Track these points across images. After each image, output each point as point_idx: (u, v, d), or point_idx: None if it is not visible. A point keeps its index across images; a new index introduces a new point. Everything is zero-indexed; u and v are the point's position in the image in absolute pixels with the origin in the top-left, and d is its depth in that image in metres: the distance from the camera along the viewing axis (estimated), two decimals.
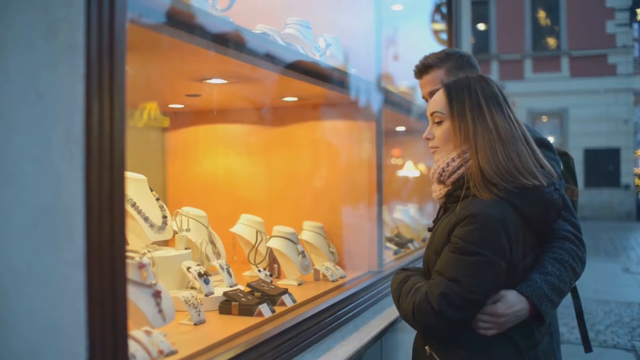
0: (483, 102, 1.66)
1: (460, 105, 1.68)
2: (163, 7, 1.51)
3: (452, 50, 2.27)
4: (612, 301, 7.18)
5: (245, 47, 1.93)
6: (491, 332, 1.61)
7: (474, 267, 1.56)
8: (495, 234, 1.56)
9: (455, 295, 1.56)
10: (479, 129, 1.63)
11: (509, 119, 1.66)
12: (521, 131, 1.68)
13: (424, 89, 2.28)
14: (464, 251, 1.57)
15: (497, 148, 1.60)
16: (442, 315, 1.57)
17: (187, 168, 3.23)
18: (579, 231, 1.82)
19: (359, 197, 2.98)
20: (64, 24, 1.06)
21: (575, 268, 1.75)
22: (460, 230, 1.59)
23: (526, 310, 1.63)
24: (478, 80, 1.72)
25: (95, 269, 1.07)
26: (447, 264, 1.60)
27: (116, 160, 1.11)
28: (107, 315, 1.09)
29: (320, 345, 2.04)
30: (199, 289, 2.06)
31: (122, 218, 1.14)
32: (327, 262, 2.78)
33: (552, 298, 1.66)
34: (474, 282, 1.56)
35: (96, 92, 1.07)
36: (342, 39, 2.79)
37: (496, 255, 1.56)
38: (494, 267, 1.57)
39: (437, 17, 4.86)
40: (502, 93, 1.72)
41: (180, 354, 1.49)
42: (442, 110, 1.72)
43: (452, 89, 1.72)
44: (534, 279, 1.67)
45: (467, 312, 1.59)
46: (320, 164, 3.03)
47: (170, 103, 2.98)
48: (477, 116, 1.65)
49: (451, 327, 1.61)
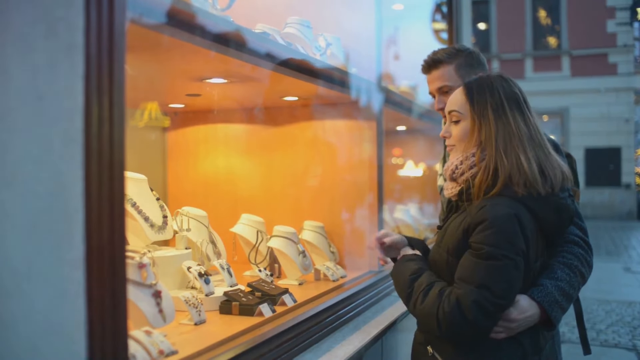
0: (505, 103, 1.64)
1: (482, 105, 1.65)
2: (163, 6, 1.51)
3: (462, 47, 2.24)
4: (613, 300, 7.17)
5: (246, 47, 1.92)
6: (502, 335, 1.60)
7: (503, 271, 1.53)
8: (515, 234, 1.54)
9: (488, 303, 1.53)
10: (500, 130, 1.61)
11: (529, 121, 1.65)
12: (539, 135, 1.66)
13: (432, 84, 2.23)
14: (490, 256, 1.53)
15: (517, 152, 1.59)
16: (476, 325, 1.54)
17: (187, 168, 3.22)
18: (587, 235, 1.82)
19: (359, 197, 2.98)
20: (63, 24, 1.06)
21: (583, 273, 1.75)
22: (480, 235, 1.56)
23: (537, 315, 1.62)
24: (499, 79, 1.69)
25: (95, 269, 1.07)
26: (474, 270, 1.55)
27: (116, 160, 1.11)
28: (107, 315, 1.09)
29: (320, 345, 2.04)
30: (199, 289, 2.06)
31: (122, 218, 1.13)
32: (328, 261, 2.78)
33: (562, 304, 1.66)
34: (505, 287, 1.54)
35: (96, 92, 1.07)
36: (342, 39, 2.78)
37: (519, 256, 1.55)
38: (519, 269, 1.55)
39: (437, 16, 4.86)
40: (523, 93, 1.70)
41: (180, 354, 1.49)
42: (460, 110, 1.70)
43: (474, 88, 1.69)
44: (544, 285, 1.65)
45: (497, 318, 1.57)
46: (321, 163, 3.03)
47: (170, 103, 2.98)
48: (498, 117, 1.62)
49: (482, 334, 1.58)
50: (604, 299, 7.21)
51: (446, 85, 2.15)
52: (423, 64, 2.25)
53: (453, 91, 2.03)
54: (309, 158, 3.05)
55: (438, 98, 2.20)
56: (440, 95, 2.19)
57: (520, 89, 1.71)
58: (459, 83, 2.02)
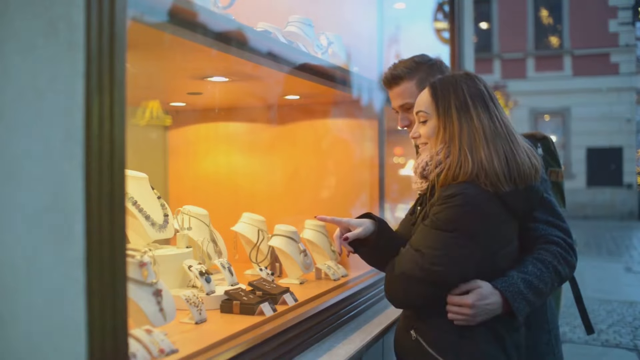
0: (469, 101, 1.67)
1: (447, 105, 1.69)
2: (164, 4, 1.51)
3: (421, 59, 2.14)
4: (614, 300, 7.17)
5: (247, 45, 1.92)
6: (460, 323, 1.64)
7: (442, 241, 1.59)
8: (470, 213, 1.59)
9: (416, 265, 1.61)
10: (464, 128, 1.65)
11: (495, 117, 1.67)
12: (507, 130, 1.68)
13: (394, 101, 2.17)
14: (435, 225, 1.61)
15: (480, 150, 1.62)
16: (401, 283, 1.64)
17: (188, 166, 3.22)
18: (569, 236, 1.81)
19: (361, 196, 2.98)
20: (63, 22, 1.05)
21: (559, 270, 1.74)
22: (437, 207, 1.63)
23: (498, 304, 1.64)
24: (464, 78, 1.73)
25: (95, 268, 1.07)
26: (417, 235, 1.66)
27: (116, 159, 1.11)
28: (108, 314, 1.09)
29: (321, 344, 2.04)
30: (200, 288, 2.06)
31: (123, 216, 1.13)
32: (329, 260, 2.77)
33: (527, 296, 1.66)
34: (440, 255, 1.59)
35: (96, 90, 1.07)
36: (344, 37, 2.78)
37: (468, 235, 1.58)
38: (464, 247, 1.59)
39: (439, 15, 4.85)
40: (489, 90, 1.73)
41: (181, 353, 1.48)
42: (426, 110, 1.74)
43: (438, 88, 1.73)
44: (510, 275, 1.67)
45: (426, 286, 1.63)
46: (322, 162, 3.03)
47: (172, 101, 2.98)
48: (462, 115, 1.66)
49: (409, 298, 1.68)
50: (605, 299, 7.21)
51: (408, 103, 2.08)
52: (383, 78, 2.18)
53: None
54: (310, 157, 3.05)
55: (401, 115, 2.14)
56: (403, 113, 2.14)
57: (486, 86, 1.74)
58: None
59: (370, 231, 1.79)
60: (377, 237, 1.78)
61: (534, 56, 19.46)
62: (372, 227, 1.80)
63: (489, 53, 19.60)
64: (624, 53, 18.64)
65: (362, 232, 1.77)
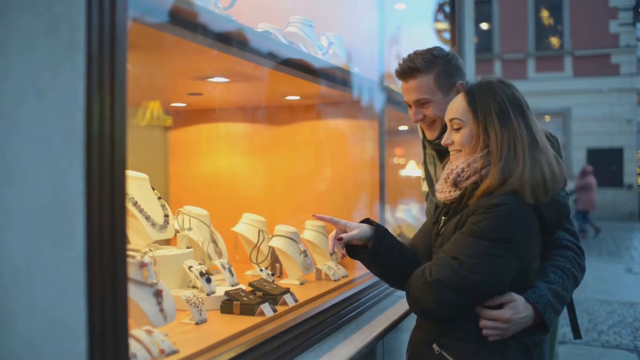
0: (509, 108, 1.63)
1: (486, 113, 1.64)
2: (165, 5, 1.51)
3: (439, 52, 2.03)
4: (614, 301, 7.16)
5: (248, 46, 1.92)
6: (495, 338, 1.60)
7: (482, 250, 1.54)
8: (513, 225, 1.56)
9: (453, 272, 1.55)
10: (505, 137, 1.61)
11: (532, 126, 1.65)
12: (542, 140, 1.66)
13: (408, 94, 2.03)
14: (475, 234, 1.56)
15: (521, 160, 1.59)
16: (434, 290, 1.56)
17: (189, 167, 3.22)
18: (578, 240, 1.82)
19: (361, 197, 2.98)
20: (64, 22, 1.05)
21: (576, 276, 1.76)
22: (476, 216, 1.57)
23: (530, 317, 1.62)
24: (500, 84, 1.69)
25: (96, 268, 1.07)
26: (453, 243, 1.59)
27: (117, 159, 1.11)
28: (108, 314, 1.09)
29: (322, 345, 2.04)
30: (200, 288, 2.06)
31: (123, 217, 1.13)
32: (329, 261, 2.77)
33: (555, 306, 1.66)
34: (478, 264, 1.54)
35: (97, 90, 1.07)
36: (344, 38, 2.78)
37: (509, 246, 1.55)
38: (502, 259, 1.55)
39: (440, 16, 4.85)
40: (523, 97, 1.69)
41: (181, 354, 1.48)
42: (462, 117, 1.69)
43: (476, 94, 1.68)
44: (538, 287, 1.66)
45: (461, 296, 1.57)
46: (323, 163, 3.03)
47: (172, 102, 2.98)
48: (503, 124, 1.62)
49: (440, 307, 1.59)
50: (606, 300, 7.20)
51: (424, 98, 1.99)
52: (398, 69, 2.05)
53: (430, 104, 1.98)
54: (311, 157, 3.05)
55: (415, 110, 2.03)
56: (417, 107, 2.03)
57: (521, 93, 1.71)
58: (438, 96, 1.97)
59: (368, 236, 1.73)
60: (375, 244, 1.72)
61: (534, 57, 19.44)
62: (370, 232, 1.74)
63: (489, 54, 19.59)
64: (624, 54, 18.63)
65: (358, 234, 1.72)
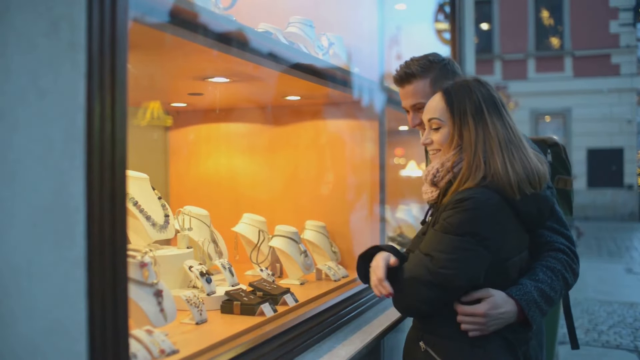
0: (484, 107, 1.66)
1: (462, 112, 1.67)
2: (166, 5, 1.51)
3: (435, 58, 2.06)
4: (614, 302, 7.16)
5: (248, 46, 1.92)
6: (474, 333, 1.62)
7: (451, 244, 1.57)
8: (481, 219, 1.58)
9: (425, 269, 1.58)
10: (480, 135, 1.63)
11: (507, 123, 1.67)
12: (518, 137, 1.68)
13: (405, 100, 2.07)
14: (445, 229, 1.59)
15: (496, 157, 1.61)
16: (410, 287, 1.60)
17: (189, 167, 3.22)
18: (572, 244, 1.81)
19: (361, 197, 2.98)
20: (65, 22, 1.05)
21: (567, 278, 1.75)
22: (446, 212, 1.61)
23: (513, 313, 1.63)
24: (477, 84, 1.71)
25: (96, 268, 1.07)
26: (427, 241, 1.64)
27: (117, 159, 1.11)
28: (108, 314, 1.09)
29: (322, 345, 2.04)
30: (200, 288, 2.06)
31: (124, 217, 1.13)
32: (330, 261, 2.77)
33: (541, 305, 1.66)
34: (447, 258, 1.57)
35: (97, 90, 1.07)
36: (345, 38, 2.78)
37: (478, 239, 1.57)
38: (473, 252, 1.57)
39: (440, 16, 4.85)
40: (499, 95, 1.72)
41: (181, 354, 1.48)
42: (441, 117, 1.71)
43: (453, 94, 1.70)
44: (524, 284, 1.67)
45: (435, 291, 1.59)
46: (323, 163, 3.03)
47: (173, 102, 2.98)
48: (478, 122, 1.65)
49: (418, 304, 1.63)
50: (606, 300, 7.20)
51: (420, 102, 2.00)
52: (395, 76, 2.08)
53: None
54: (311, 158, 3.05)
55: (412, 115, 2.06)
56: (414, 112, 2.05)
57: (497, 92, 1.73)
58: None
59: None
60: None
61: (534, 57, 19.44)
62: None
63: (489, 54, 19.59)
64: (624, 54, 18.63)
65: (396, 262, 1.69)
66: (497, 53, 19.68)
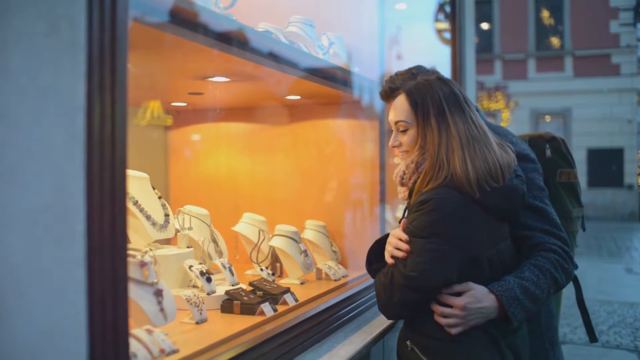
0: (446, 106, 1.68)
1: (426, 113, 1.70)
2: (166, 4, 1.51)
3: (418, 70, 1.97)
4: (615, 302, 7.16)
5: (248, 45, 1.92)
6: (456, 329, 1.63)
7: (419, 247, 1.61)
8: (445, 218, 1.60)
9: (398, 272, 1.63)
10: (443, 135, 1.66)
11: (470, 120, 1.69)
12: (482, 131, 1.69)
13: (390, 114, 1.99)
14: (411, 233, 1.63)
15: (456, 155, 1.63)
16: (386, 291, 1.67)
17: (189, 166, 3.22)
18: (567, 244, 1.81)
19: (361, 196, 2.98)
20: (65, 21, 1.05)
21: (556, 277, 1.74)
22: (411, 215, 1.65)
23: (494, 309, 1.64)
24: (438, 82, 1.73)
25: (96, 268, 1.07)
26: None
27: (117, 159, 1.11)
28: (108, 314, 1.09)
29: (322, 344, 2.04)
30: (200, 288, 2.06)
31: (124, 216, 1.13)
32: (330, 261, 2.77)
33: (523, 302, 1.66)
34: (417, 261, 1.60)
35: (97, 90, 1.07)
36: (345, 38, 2.78)
37: (444, 239, 1.59)
38: (442, 252, 1.60)
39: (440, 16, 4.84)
40: (462, 92, 1.74)
41: (181, 353, 1.48)
42: (407, 119, 1.75)
43: (415, 95, 1.73)
44: (507, 280, 1.67)
45: (409, 293, 1.63)
46: (323, 162, 3.03)
47: (173, 101, 2.98)
48: (441, 123, 1.67)
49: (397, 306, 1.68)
50: (606, 300, 7.20)
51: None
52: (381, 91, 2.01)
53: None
54: (311, 157, 3.05)
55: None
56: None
57: (460, 88, 1.75)
58: None
59: None
60: None
61: (535, 57, 19.44)
62: None
63: (490, 54, 19.59)
64: (625, 54, 18.63)
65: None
66: (497, 53, 19.68)
